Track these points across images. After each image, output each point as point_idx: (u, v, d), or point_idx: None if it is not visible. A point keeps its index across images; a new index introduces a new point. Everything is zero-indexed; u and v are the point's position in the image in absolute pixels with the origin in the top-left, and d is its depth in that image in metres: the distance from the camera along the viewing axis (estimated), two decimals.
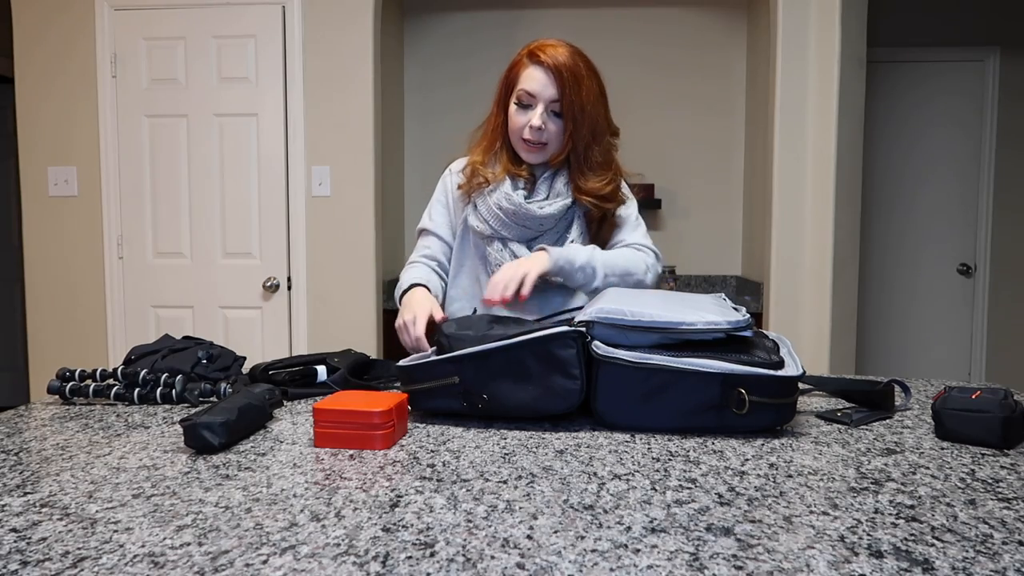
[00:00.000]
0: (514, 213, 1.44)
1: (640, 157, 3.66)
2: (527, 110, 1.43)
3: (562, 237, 1.48)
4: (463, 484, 0.84)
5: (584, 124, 1.42)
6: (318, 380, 1.32)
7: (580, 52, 1.45)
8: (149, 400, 1.24)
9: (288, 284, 3.21)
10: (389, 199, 3.64)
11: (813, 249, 3.05)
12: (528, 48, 1.45)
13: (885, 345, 4.22)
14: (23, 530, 0.71)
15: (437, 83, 3.93)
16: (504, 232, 1.47)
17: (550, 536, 0.69)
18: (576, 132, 1.42)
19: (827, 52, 2.99)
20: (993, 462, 0.92)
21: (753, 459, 0.93)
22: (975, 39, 4.10)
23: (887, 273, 4.21)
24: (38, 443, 1.02)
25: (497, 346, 1.09)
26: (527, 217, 1.44)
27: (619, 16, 3.84)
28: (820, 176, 3.02)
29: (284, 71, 3.15)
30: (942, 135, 4.14)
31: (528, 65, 1.42)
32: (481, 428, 1.08)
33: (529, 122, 1.42)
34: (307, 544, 0.68)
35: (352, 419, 0.98)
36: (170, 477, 0.87)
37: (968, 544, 0.67)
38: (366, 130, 3.17)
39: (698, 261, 3.89)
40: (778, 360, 1.05)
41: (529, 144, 1.44)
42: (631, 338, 1.07)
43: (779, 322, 3.05)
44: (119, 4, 3.17)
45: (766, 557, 0.65)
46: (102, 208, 3.22)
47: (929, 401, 1.24)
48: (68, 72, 3.20)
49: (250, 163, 3.19)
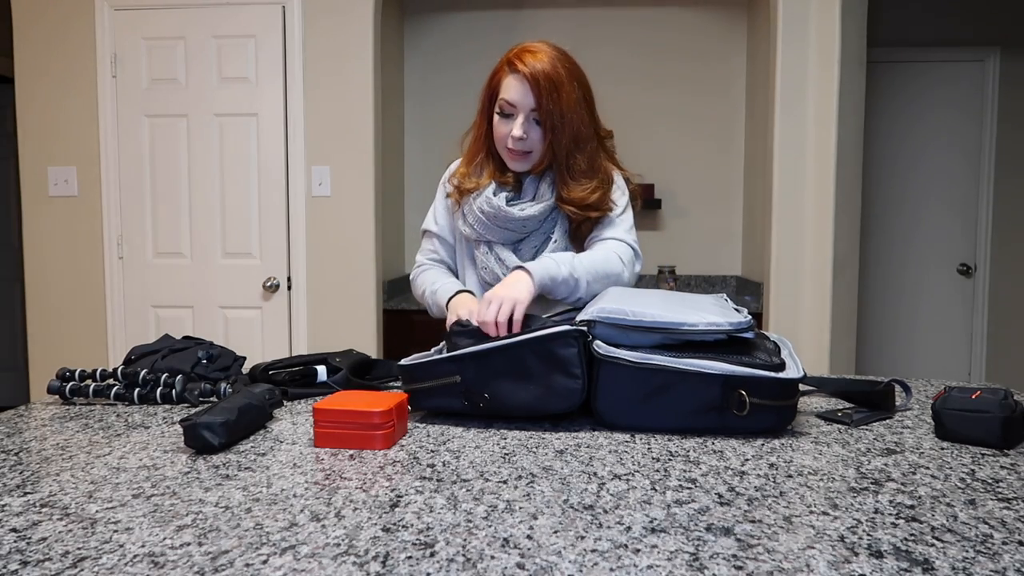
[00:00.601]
0: (495, 216, 1.44)
1: (640, 157, 3.66)
2: (509, 119, 1.42)
3: (547, 238, 1.47)
4: (463, 484, 0.84)
5: (564, 132, 1.39)
6: (318, 380, 1.32)
7: (563, 56, 1.42)
8: (149, 400, 1.24)
9: (288, 284, 3.21)
10: (389, 199, 3.64)
11: (813, 249, 3.05)
12: (508, 56, 1.43)
13: (885, 345, 4.22)
14: (23, 530, 0.71)
15: (437, 83, 3.93)
16: (489, 236, 1.46)
17: (550, 536, 0.69)
18: (556, 140, 1.40)
19: (827, 52, 2.99)
20: (993, 462, 0.92)
21: (753, 459, 0.93)
22: (975, 39, 4.10)
23: (887, 273, 4.21)
24: (38, 443, 1.02)
25: (498, 345, 1.09)
26: (508, 220, 1.44)
27: (619, 16, 3.84)
28: (820, 176, 3.02)
29: (284, 71, 3.15)
30: (942, 135, 4.14)
31: (508, 74, 1.41)
32: (481, 428, 1.08)
33: (511, 132, 1.42)
34: (307, 544, 0.68)
35: (352, 419, 0.98)
36: (170, 477, 0.87)
37: (968, 544, 0.67)
38: (366, 130, 3.17)
39: (698, 261, 3.89)
40: (779, 362, 1.05)
41: (513, 153, 1.44)
42: (632, 338, 1.07)
43: (779, 322, 3.05)
44: (119, 4, 3.17)
45: (766, 557, 0.65)
46: (102, 208, 3.22)
47: (929, 401, 1.24)
48: (68, 72, 3.20)
49: (250, 163, 3.18)
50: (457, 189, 1.51)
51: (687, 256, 3.87)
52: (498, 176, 1.48)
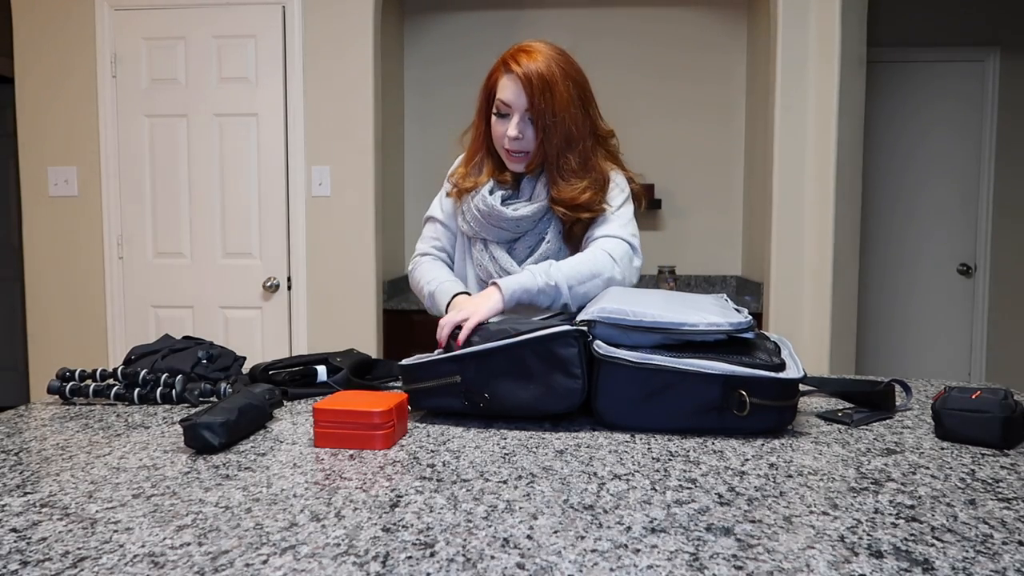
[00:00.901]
0: (489, 215, 1.45)
1: (640, 157, 3.66)
2: (505, 119, 1.42)
3: (540, 238, 1.47)
4: (463, 484, 0.84)
5: (556, 132, 1.39)
6: (318, 380, 1.32)
7: (560, 55, 1.42)
8: (149, 400, 1.24)
9: (288, 284, 3.21)
10: (389, 199, 3.64)
11: (813, 249, 3.05)
12: (504, 56, 1.43)
13: (885, 345, 4.22)
14: (23, 530, 0.71)
15: (437, 83, 3.93)
16: (484, 233, 1.48)
17: (550, 536, 0.69)
18: (547, 140, 1.40)
19: (827, 52, 2.99)
20: (993, 462, 0.92)
21: (753, 459, 0.93)
22: (975, 39, 4.10)
23: (887, 273, 4.21)
24: (38, 443, 1.02)
25: (499, 345, 1.09)
26: (501, 219, 1.44)
27: (618, 16, 3.84)
28: (820, 176, 3.02)
29: (284, 71, 3.15)
30: (942, 135, 4.14)
31: (503, 74, 1.42)
32: (481, 428, 1.08)
33: (507, 132, 1.42)
34: (307, 544, 0.68)
35: (352, 419, 0.98)
36: (170, 477, 0.87)
37: (968, 544, 0.67)
38: (366, 130, 3.17)
39: (698, 261, 3.89)
40: (779, 362, 1.05)
41: (511, 154, 1.44)
42: (633, 338, 1.07)
43: (779, 322, 3.05)
44: (119, 4, 3.17)
45: (766, 557, 0.65)
46: (102, 208, 3.22)
47: (929, 401, 1.24)
48: (68, 72, 3.20)
49: (250, 163, 3.18)
50: (456, 188, 1.52)
51: (687, 256, 3.87)
52: (497, 175, 1.49)
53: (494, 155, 1.49)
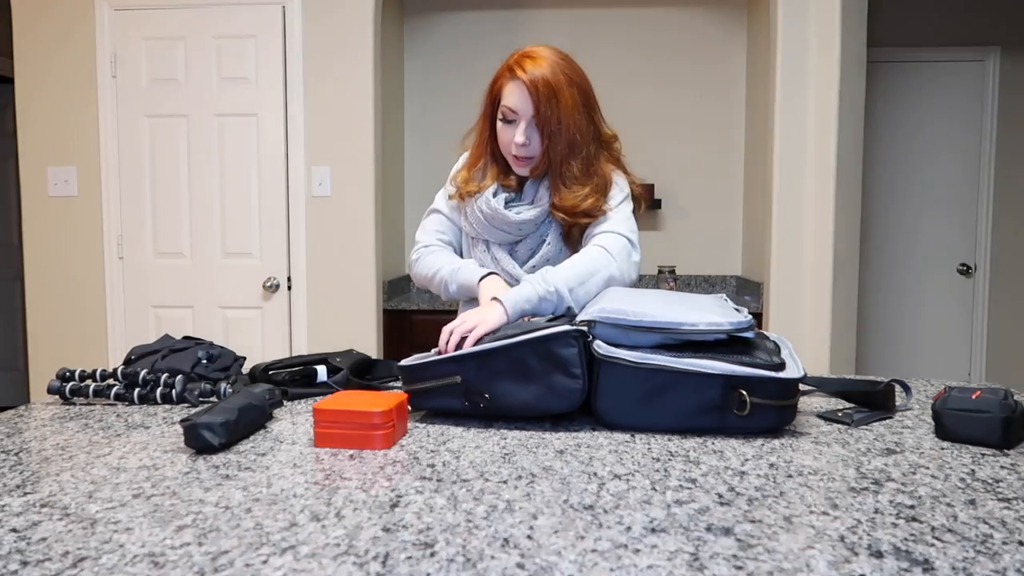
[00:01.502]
0: (492, 217, 1.45)
1: (640, 157, 3.65)
2: (512, 125, 1.42)
3: (541, 241, 1.47)
4: (463, 484, 0.84)
5: (560, 139, 1.39)
6: (318, 380, 1.32)
7: (564, 60, 1.42)
8: (149, 400, 1.24)
9: (288, 284, 3.21)
10: (389, 199, 3.63)
11: (813, 249, 3.05)
12: (509, 61, 1.43)
13: (885, 345, 4.22)
14: (23, 530, 0.71)
15: (437, 83, 3.93)
16: (486, 235, 1.48)
17: (550, 536, 0.69)
18: (551, 147, 1.40)
19: (827, 52, 2.99)
20: (993, 462, 0.92)
21: (753, 459, 0.93)
22: (975, 39, 4.10)
23: (887, 273, 4.21)
24: (38, 443, 1.02)
25: (499, 345, 1.09)
26: (504, 222, 1.45)
27: (618, 16, 3.84)
28: (820, 176, 3.02)
29: (284, 71, 3.15)
30: (942, 135, 4.14)
31: (508, 80, 1.42)
32: (481, 428, 1.08)
33: (514, 138, 1.42)
34: (307, 544, 0.68)
35: (352, 419, 0.98)
36: (170, 477, 0.87)
37: (968, 544, 0.67)
38: (366, 130, 3.17)
39: (698, 261, 3.89)
40: (779, 362, 1.05)
41: (518, 159, 1.44)
42: (633, 338, 1.07)
43: (779, 322, 3.05)
44: (119, 4, 3.17)
45: (766, 557, 0.65)
46: (102, 208, 3.22)
47: (929, 401, 1.24)
48: (68, 72, 3.20)
49: (250, 163, 3.18)
50: (459, 192, 1.53)
51: (687, 256, 3.87)
52: (501, 179, 1.49)
53: (498, 159, 1.50)
